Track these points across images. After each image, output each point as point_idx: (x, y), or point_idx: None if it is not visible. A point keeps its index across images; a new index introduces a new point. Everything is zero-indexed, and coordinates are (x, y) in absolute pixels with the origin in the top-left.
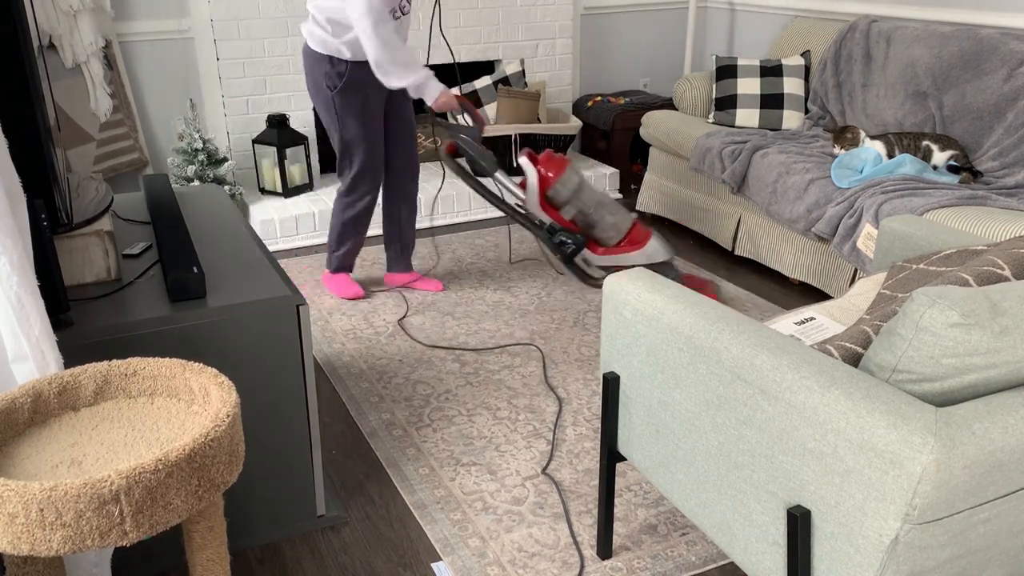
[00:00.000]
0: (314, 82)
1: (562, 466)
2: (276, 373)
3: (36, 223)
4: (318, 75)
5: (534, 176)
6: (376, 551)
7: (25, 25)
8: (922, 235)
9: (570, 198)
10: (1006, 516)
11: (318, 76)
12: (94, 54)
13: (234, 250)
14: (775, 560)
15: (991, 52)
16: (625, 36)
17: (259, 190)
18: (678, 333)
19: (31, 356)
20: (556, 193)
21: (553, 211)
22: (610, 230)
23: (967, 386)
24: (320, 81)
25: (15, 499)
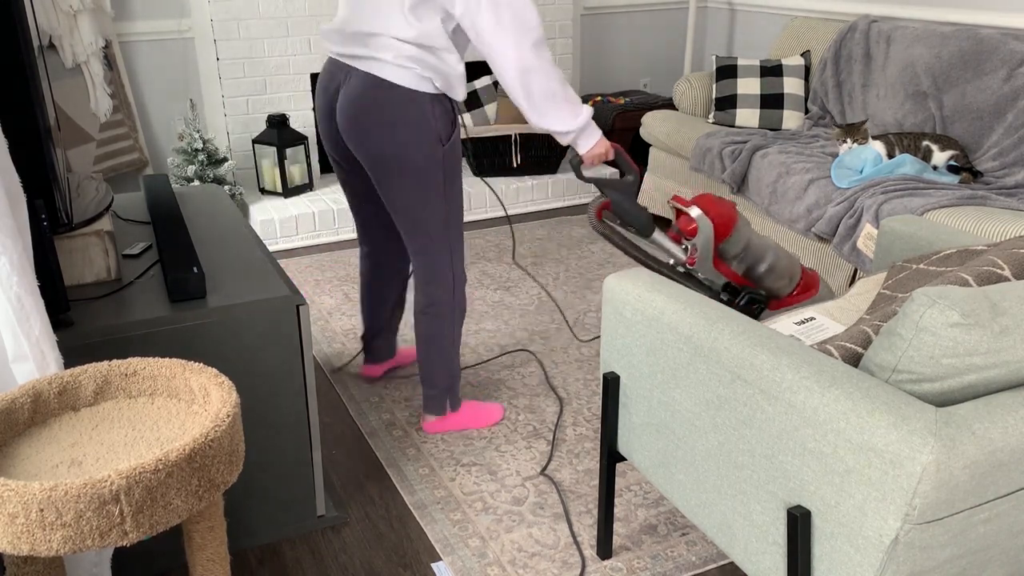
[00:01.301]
0: (410, 137)
1: (562, 466)
2: (276, 373)
3: (36, 223)
4: (419, 125)
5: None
6: (376, 551)
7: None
8: (922, 235)
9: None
10: (1006, 516)
11: (419, 126)
12: (94, 54)
13: (234, 250)
14: (775, 560)
15: (991, 52)
16: (625, 36)
17: (259, 190)
18: (678, 333)
19: (31, 356)
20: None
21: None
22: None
23: (967, 386)
24: (424, 134)
25: (15, 499)
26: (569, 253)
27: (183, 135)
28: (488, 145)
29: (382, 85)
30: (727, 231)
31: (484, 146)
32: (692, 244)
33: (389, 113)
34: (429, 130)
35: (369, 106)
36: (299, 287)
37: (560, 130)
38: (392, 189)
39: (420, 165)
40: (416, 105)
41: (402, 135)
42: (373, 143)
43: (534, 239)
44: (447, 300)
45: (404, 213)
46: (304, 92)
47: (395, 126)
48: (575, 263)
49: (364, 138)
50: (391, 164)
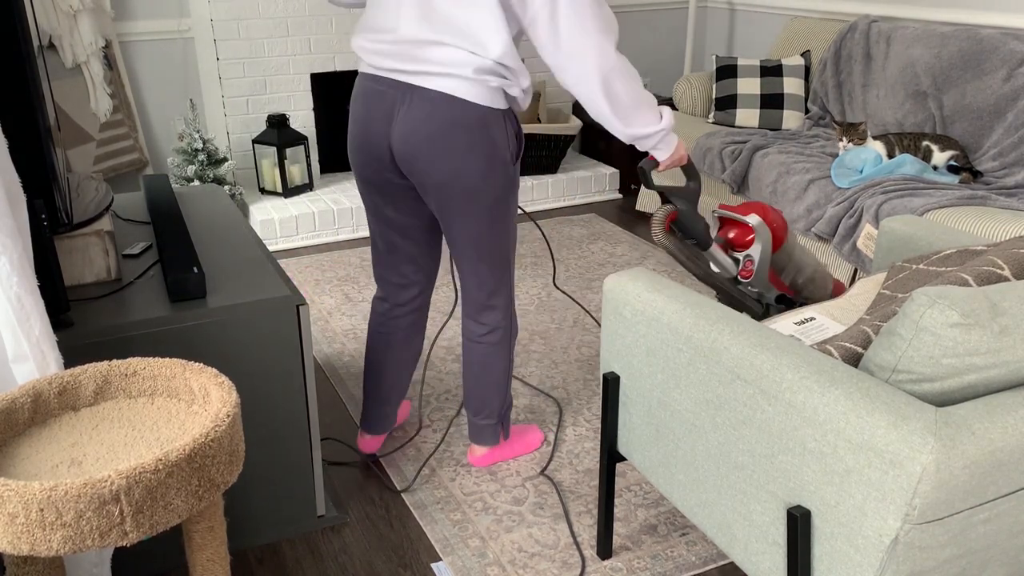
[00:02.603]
0: (487, 162)
1: (562, 466)
2: (276, 373)
3: (36, 223)
4: (494, 146)
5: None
6: (376, 551)
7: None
8: (922, 235)
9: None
10: (1006, 516)
11: (494, 148)
12: (94, 54)
13: (234, 250)
14: (775, 560)
15: (991, 52)
16: (625, 36)
17: (259, 190)
18: (678, 333)
19: (31, 356)
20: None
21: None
22: (820, 289)
23: (967, 386)
24: (499, 156)
25: (15, 499)
26: (569, 253)
27: (183, 135)
28: None
29: (456, 104)
30: (782, 241)
31: None
32: (747, 256)
33: (466, 136)
34: (505, 151)
35: (445, 129)
36: (299, 287)
37: (649, 133)
38: (461, 217)
39: (495, 190)
40: (493, 125)
41: (479, 160)
42: (445, 169)
43: (534, 239)
44: (505, 326)
45: (471, 241)
46: (304, 92)
47: (472, 150)
48: (575, 263)
49: (434, 164)
50: (463, 191)
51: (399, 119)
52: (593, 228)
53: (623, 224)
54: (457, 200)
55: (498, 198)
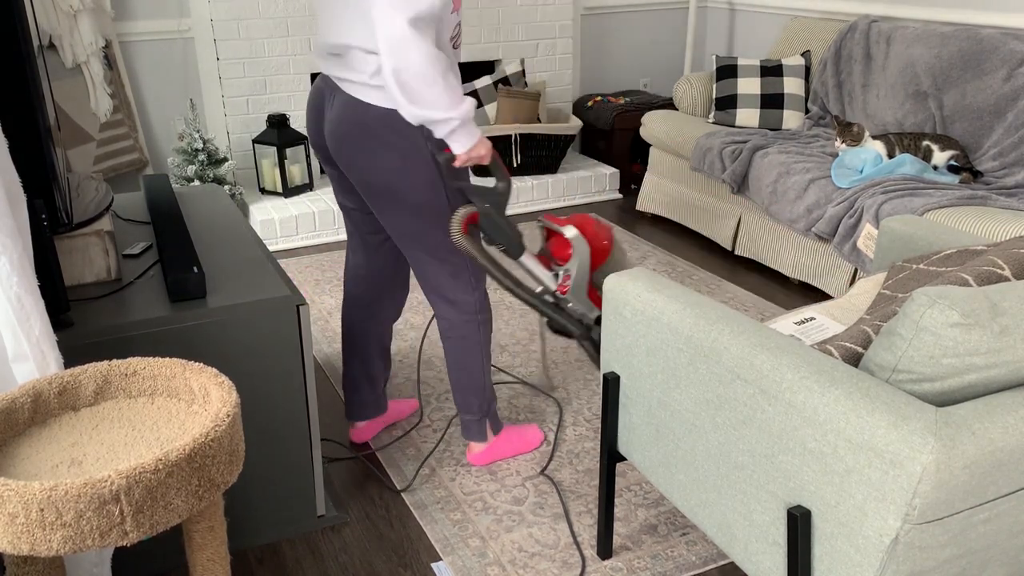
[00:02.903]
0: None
1: (562, 466)
2: (276, 373)
3: (36, 223)
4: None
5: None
6: (376, 551)
7: (25, 25)
8: (922, 235)
9: None
10: (1006, 516)
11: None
12: (94, 54)
13: (234, 250)
14: (775, 560)
15: (991, 52)
16: (625, 36)
17: (259, 190)
18: (678, 333)
19: (31, 356)
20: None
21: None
22: None
23: (967, 386)
24: (413, 156)
25: (15, 499)
26: None
27: (183, 135)
28: None
29: (358, 107)
30: (603, 256)
31: None
32: (565, 270)
33: (372, 138)
34: (422, 149)
35: (352, 132)
36: (299, 287)
37: (438, 118)
38: (390, 218)
39: (418, 187)
40: (398, 126)
41: (393, 159)
42: (363, 168)
43: (534, 239)
44: (469, 320)
45: (407, 237)
46: (304, 92)
47: (385, 149)
48: None
49: (353, 163)
50: (385, 189)
51: (327, 116)
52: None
53: (623, 224)
54: (382, 198)
55: (423, 195)
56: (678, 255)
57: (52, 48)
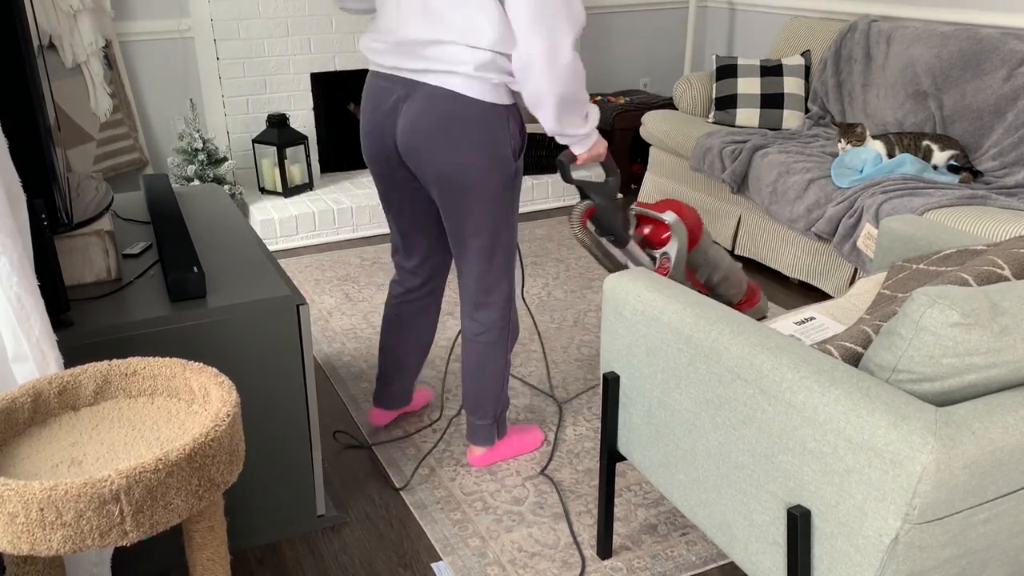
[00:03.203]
0: (487, 158)
1: (562, 466)
2: (276, 373)
3: (36, 223)
4: (496, 142)
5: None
6: (376, 551)
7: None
8: (922, 235)
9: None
10: (1006, 516)
11: (496, 143)
12: (94, 54)
13: (234, 250)
14: (775, 560)
15: (991, 52)
16: (625, 36)
17: (259, 190)
18: (678, 333)
19: (31, 356)
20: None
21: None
22: (735, 286)
23: (967, 386)
24: (501, 152)
25: (15, 499)
26: (569, 253)
27: (183, 135)
28: None
29: (458, 100)
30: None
31: None
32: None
33: (466, 131)
34: (506, 147)
35: (445, 123)
36: (299, 287)
37: (578, 135)
38: (461, 211)
39: (495, 186)
40: (494, 121)
41: (479, 155)
42: (445, 163)
43: (534, 239)
44: (502, 325)
45: (469, 236)
46: (304, 92)
47: (472, 145)
48: (575, 263)
49: (434, 158)
50: (462, 185)
51: (403, 113)
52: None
53: None
54: (457, 194)
55: (498, 194)
56: None
57: (52, 48)
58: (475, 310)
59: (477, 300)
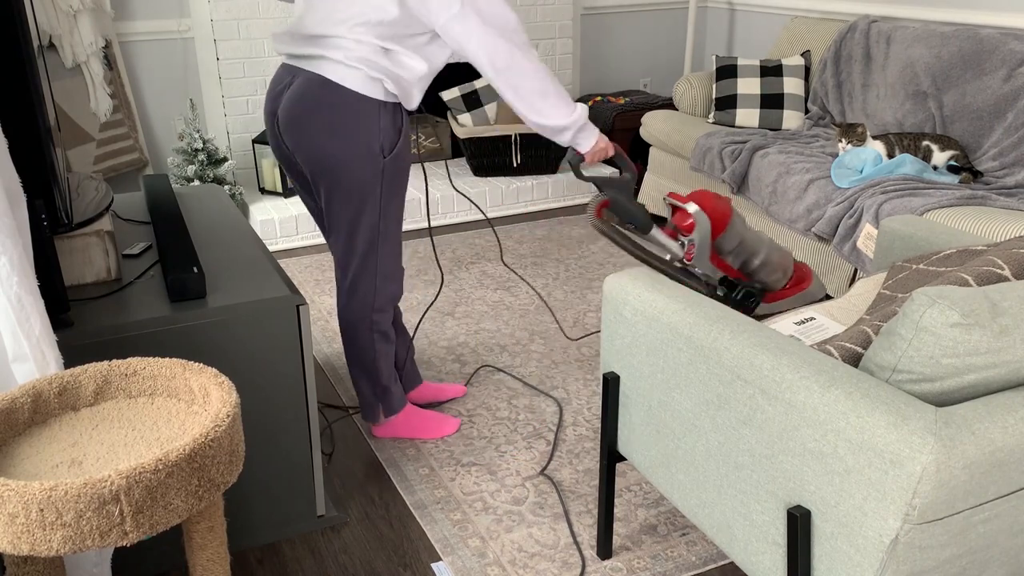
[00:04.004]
0: (349, 145)
1: (562, 466)
2: (276, 373)
3: (36, 223)
4: (360, 133)
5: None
6: (376, 551)
7: (25, 25)
8: (922, 235)
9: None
10: (1006, 516)
11: (360, 134)
12: (94, 54)
13: (234, 250)
14: (775, 560)
15: (991, 52)
16: (625, 36)
17: (259, 190)
18: (678, 333)
19: (31, 356)
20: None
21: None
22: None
23: (967, 386)
24: (364, 143)
25: (15, 499)
26: (569, 253)
27: (183, 135)
28: (488, 145)
29: (327, 85)
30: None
31: (484, 146)
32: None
33: (330, 116)
34: (370, 139)
35: (311, 107)
36: (299, 287)
37: (562, 126)
38: (327, 196)
39: (356, 176)
40: (360, 110)
41: (341, 142)
42: (311, 146)
43: (534, 239)
44: (365, 322)
45: (336, 222)
46: None
47: (334, 131)
48: (575, 263)
49: (302, 140)
50: (327, 170)
51: (284, 97)
52: (593, 228)
53: None
54: (323, 179)
55: (358, 183)
56: None
57: (52, 48)
58: (344, 294)
59: (343, 285)
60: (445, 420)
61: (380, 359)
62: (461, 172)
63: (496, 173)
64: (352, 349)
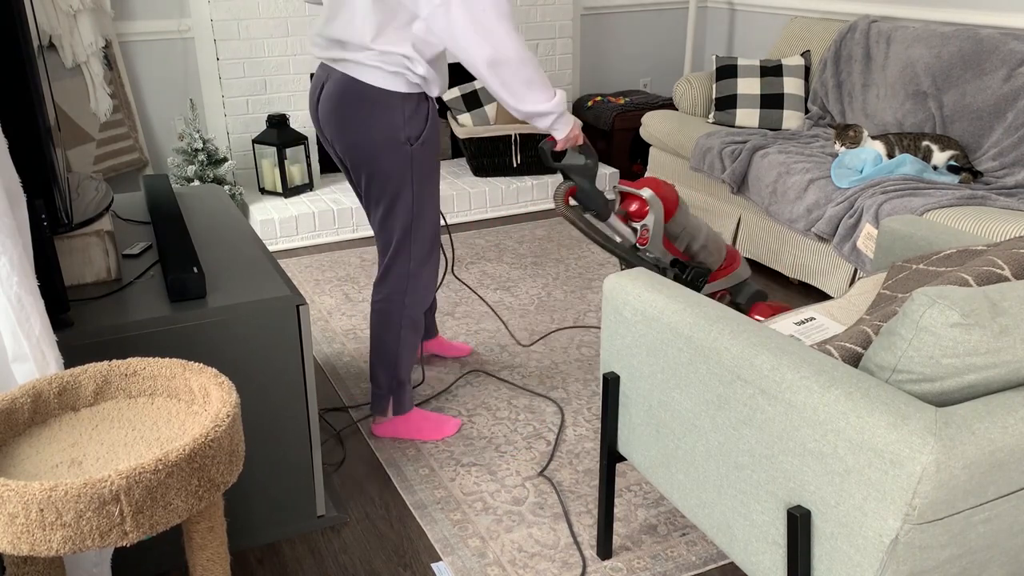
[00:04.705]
0: (378, 136)
1: (562, 466)
2: (276, 373)
3: (36, 223)
4: (386, 125)
5: (660, 210)
6: (376, 551)
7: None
8: (922, 235)
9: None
10: (1006, 516)
11: (386, 127)
12: (94, 54)
13: (234, 250)
14: (775, 560)
15: (991, 52)
16: (625, 36)
17: (259, 190)
18: (678, 333)
19: (31, 356)
20: (674, 225)
21: (670, 245)
22: (715, 254)
23: (967, 386)
24: (391, 133)
25: (15, 499)
26: (569, 253)
27: (183, 135)
28: (488, 145)
29: (353, 84)
30: (673, 210)
31: (484, 146)
32: (643, 225)
33: (360, 110)
34: (396, 130)
35: (344, 103)
36: (299, 287)
37: (542, 111)
38: (365, 185)
39: (388, 167)
40: (385, 104)
41: (371, 133)
42: (346, 138)
43: (534, 239)
44: (397, 306)
45: (371, 208)
46: (304, 92)
47: (364, 123)
48: (575, 263)
49: (338, 133)
50: (362, 162)
51: (322, 94)
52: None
53: None
54: (358, 169)
55: (394, 175)
56: None
57: (52, 48)
58: (379, 278)
59: (381, 273)
60: (446, 421)
61: (403, 349)
62: (461, 172)
63: (496, 173)
64: (378, 335)
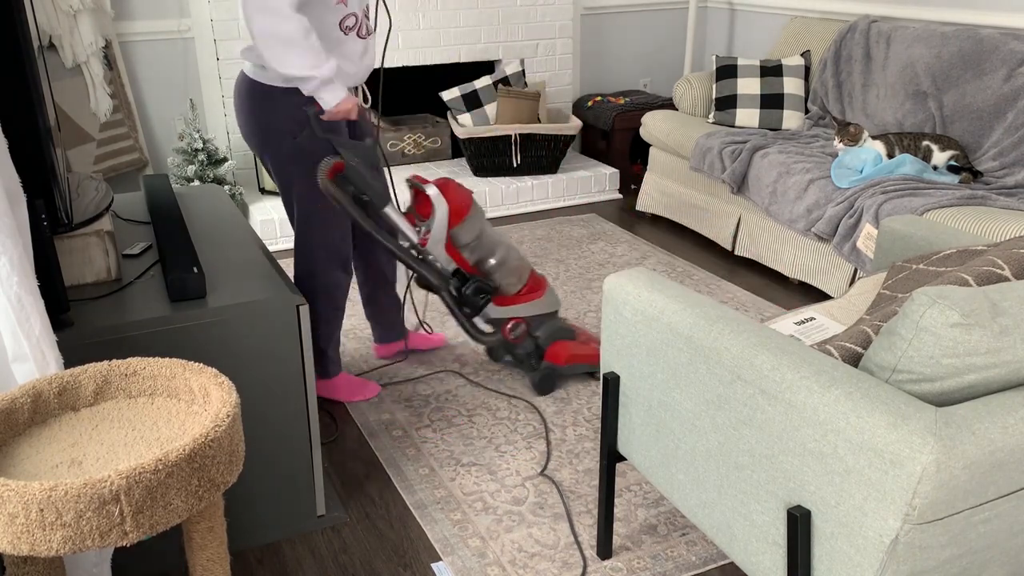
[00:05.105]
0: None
1: (562, 466)
2: (276, 373)
3: (36, 223)
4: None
5: (444, 209)
6: (376, 551)
7: (25, 25)
8: (922, 235)
9: (476, 237)
10: (1006, 516)
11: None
12: (94, 54)
13: (234, 250)
14: (775, 560)
15: (991, 52)
16: (625, 36)
17: (259, 190)
18: (678, 333)
19: (31, 356)
20: (463, 232)
21: (456, 253)
22: (512, 276)
23: (967, 386)
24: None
25: (15, 499)
26: (569, 253)
27: (183, 135)
28: (488, 145)
29: (243, 79)
30: (461, 215)
31: (484, 146)
32: (426, 226)
33: (245, 104)
34: (279, 122)
35: (236, 98)
36: None
37: (303, 76)
38: (272, 172)
39: (276, 154)
40: (265, 97)
41: (255, 125)
42: (242, 132)
43: (534, 239)
44: (308, 281)
45: (280, 192)
46: None
47: (249, 117)
48: (575, 263)
49: (239, 126)
50: (256, 151)
51: None
52: (593, 228)
53: (623, 224)
54: (259, 158)
55: (282, 164)
56: (678, 255)
57: (52, 48)
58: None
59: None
60: (365, 384)
61: (320, 322)
62: (461, 172)
63: (496, 173)
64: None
